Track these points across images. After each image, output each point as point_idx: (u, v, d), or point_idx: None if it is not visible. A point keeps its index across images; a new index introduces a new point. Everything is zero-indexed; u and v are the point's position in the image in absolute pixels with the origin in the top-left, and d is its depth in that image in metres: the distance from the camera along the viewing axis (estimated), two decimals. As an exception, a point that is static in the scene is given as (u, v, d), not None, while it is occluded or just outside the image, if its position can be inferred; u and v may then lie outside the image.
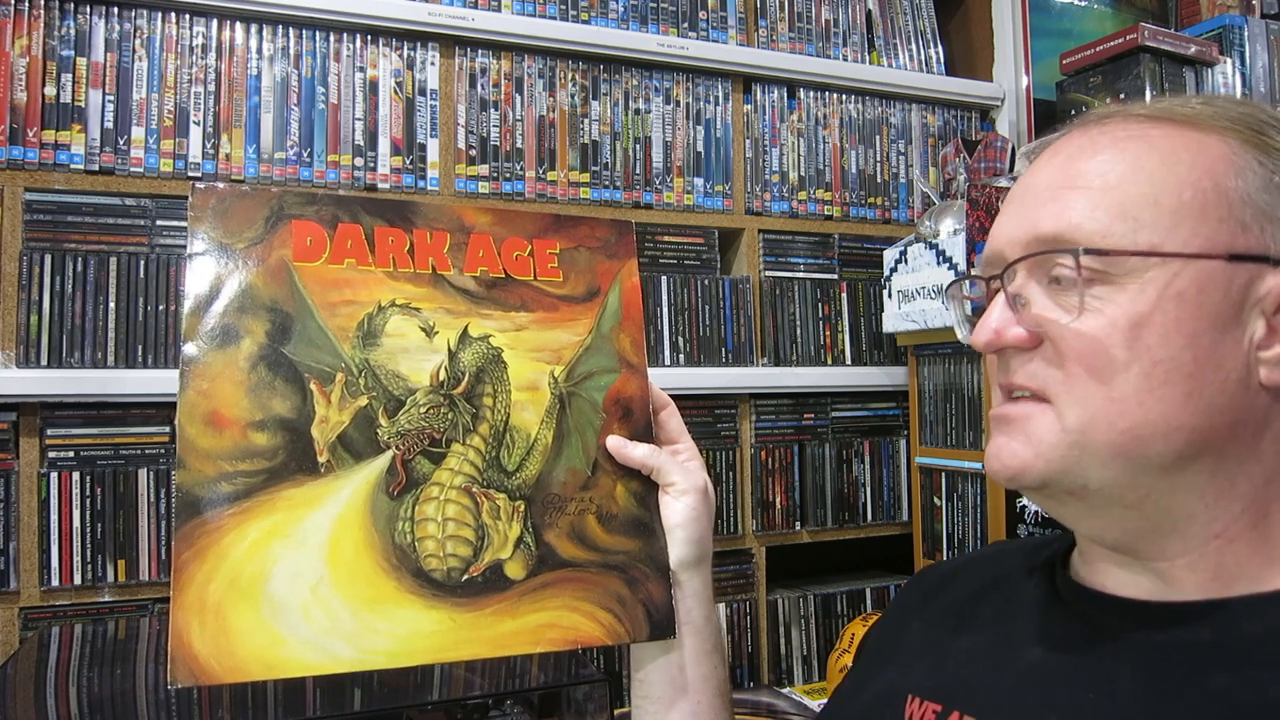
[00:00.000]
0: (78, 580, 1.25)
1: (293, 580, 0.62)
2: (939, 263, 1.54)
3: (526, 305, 0.75)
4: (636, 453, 0.74)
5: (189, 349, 0.64)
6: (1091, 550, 0.58)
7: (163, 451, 1.31)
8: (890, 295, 1.67)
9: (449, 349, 0.71)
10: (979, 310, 0.64)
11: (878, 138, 1.82)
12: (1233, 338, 0.50)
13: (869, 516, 1.74)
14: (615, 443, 0.74)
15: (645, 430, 0.76)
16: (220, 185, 0.69)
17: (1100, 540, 0.56)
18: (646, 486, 0.75)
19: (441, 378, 0.71)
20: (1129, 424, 0.50)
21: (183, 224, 1.35)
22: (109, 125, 1.32)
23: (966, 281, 0.64)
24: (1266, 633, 0.49)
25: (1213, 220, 0.50)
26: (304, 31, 1.43)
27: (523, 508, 0.71)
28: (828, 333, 1.73)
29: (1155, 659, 0.51)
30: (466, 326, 0.73)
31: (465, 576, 0.67)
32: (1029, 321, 0.53)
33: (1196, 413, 0.49)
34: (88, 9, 1.32)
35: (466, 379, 0.71)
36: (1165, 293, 0.49)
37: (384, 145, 1.47)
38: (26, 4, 1.29)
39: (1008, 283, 0.55)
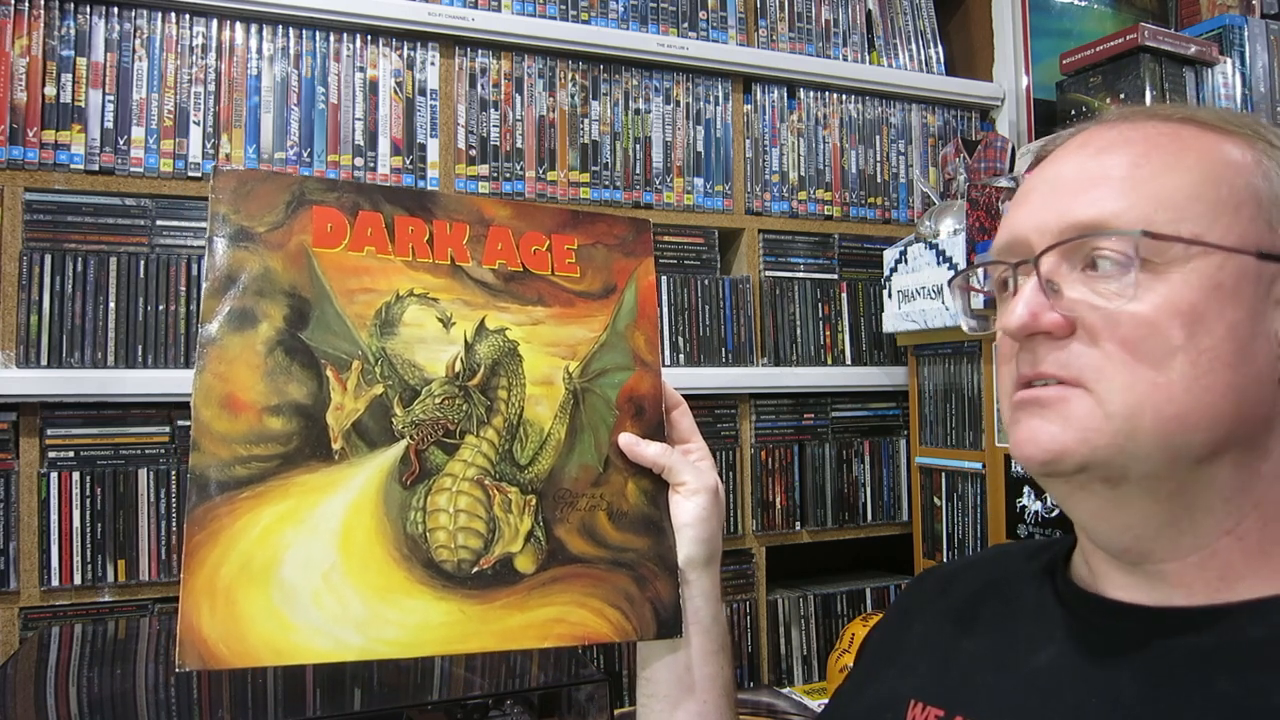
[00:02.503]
0: (78, 580, 1.25)
1: (304, 567, 0.61)
2: (939, 263, 1.54)
3: (543, 300, 0.75)
4: (649, 451, 0.74)
5: (207, 331, 0.64)
6: (1094, 556, 0.58)
7: (163, 451, 1.31)
8: (890, 295, 1.67)
9: (465, 340, 0.71)
10: (985, 304, 0.64)
11: (878, 138, 1.82)
12: (1262, 334, 0.51)
13: (869, 516, 1.74)
14: (628, 440, 0.74)
15: (658, 429, 0.76)
16: (241, 168, 0.68)
17: (1110, 544, 0.55)
18: (657, 485, 0.75)
19: (457, 369, 0.71)
20: (1177, 410, 0.49)
21: (182, 224, 1.35)
22: (109, 125, 1.32)
23: (980, 270, 0.63)
24: (1270, 638, 0.49)
25: (1245, 218, 0.51)
26: (304, 31, 1.43)
27: (534, 502, 0.71)
28: (828, 333, 1.73)
29: (1159, 664, 0.51)
30: (483, 319, 0.72)
31: (475, 569, 0.67)
32: (1064, 307, 0.52)
33: (1236, 404, 0.50)
34: (88, 9, 1.32)
35: (482, 371, 0.71)
36: (1209, 283, 0.50)
37: (384, 145, 1.47)
38: (26, 4, 1.29)
39: (1041, 268, 0.54)
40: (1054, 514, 1.36)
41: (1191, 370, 0.49)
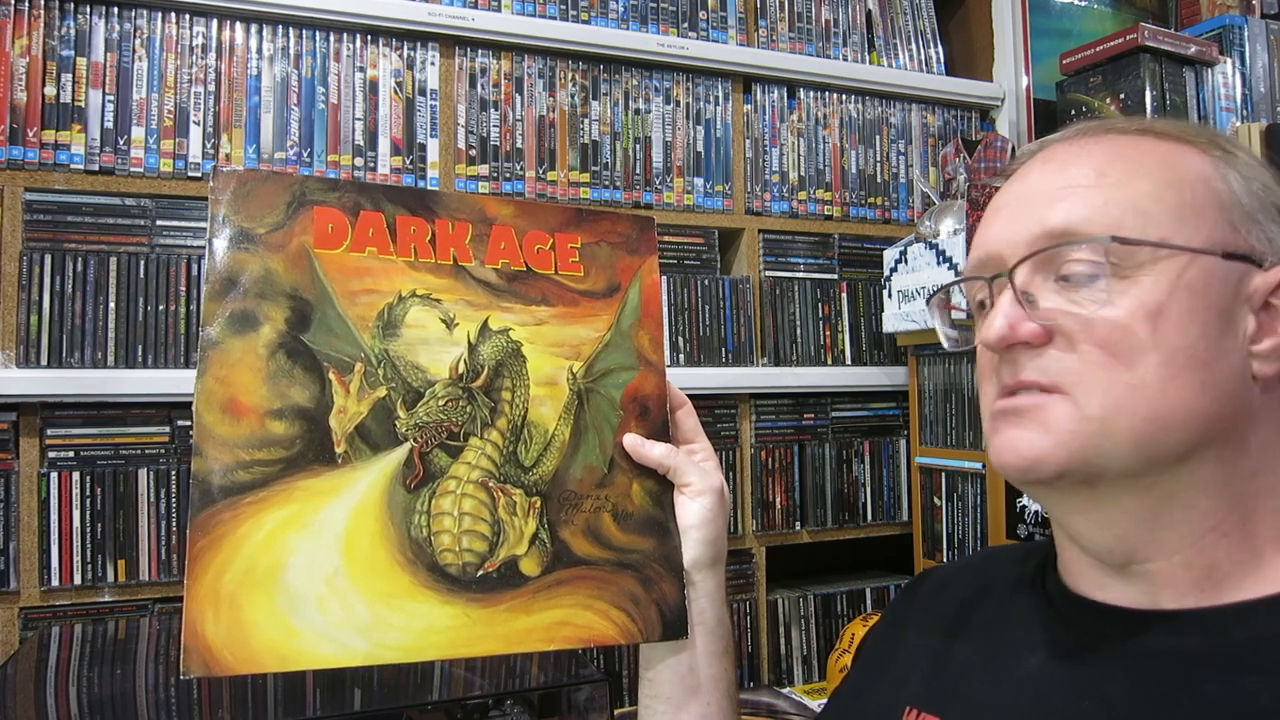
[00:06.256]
0: (78, 580, 1.25)
1: (308, 571, 0.61)
2: (939, 263, 1.54)
3: (547, 299, 0.74)
4: (654, 452, 0.73)
5: (208, 334, 0.63)
6: (1078, 560, 0.58)
7: (162, 451, 1.31)
8: (890, 295, 1.67)
9: (469, 341, 0.71)
10: (957, 322, 0.65)
11: (878, 138, 1.82)
12: (1232, 331, 0.52)
13: (869, 516, 1.74)
14: (632, 441, 0.74)
15: (662, 429, 0.76)
16: (241, 169, 0.67)
17: (1095, 545, 0.56)
18: (662, 486, 0.74)
19: (461, 370, 0.70)
20: (1152, 411, 0.50)
21: (182, 224, 1.35)
22: (109, 125, 1.32)
23: (957, 289, 0.64)
24: (1256, 640, 0.49)
25: (1209, 220, 0.53)
26: (304, 31, 1.43)
27: (539, 504, 0.70)
28: (828, 333, 1.73)
29: (1148, 667, 0.52)
30: (487, 319, 0.72)
31: (480, 572, 0.67)
32: (1041, 316, 0.54)
33: (1212, 401, 0.51)
34: (88, 9, 1.32)
35: (486, 372, 0.71)
36: (1177, 283, 0.51)
37: (384, 145, 1.47)
38: (26, 4, 1.28)
39: (1015, 281, 0.55)
40: (1054, 514, 1.36)
41: (1165, 370, 0.50)
